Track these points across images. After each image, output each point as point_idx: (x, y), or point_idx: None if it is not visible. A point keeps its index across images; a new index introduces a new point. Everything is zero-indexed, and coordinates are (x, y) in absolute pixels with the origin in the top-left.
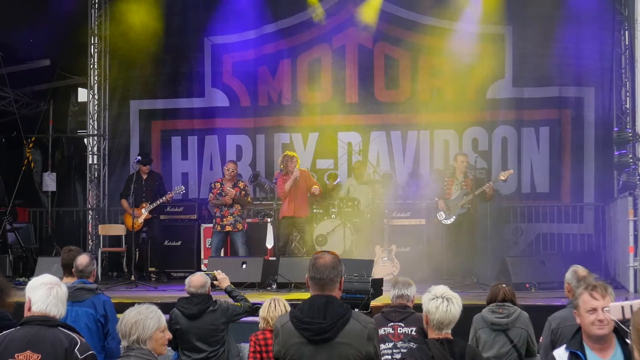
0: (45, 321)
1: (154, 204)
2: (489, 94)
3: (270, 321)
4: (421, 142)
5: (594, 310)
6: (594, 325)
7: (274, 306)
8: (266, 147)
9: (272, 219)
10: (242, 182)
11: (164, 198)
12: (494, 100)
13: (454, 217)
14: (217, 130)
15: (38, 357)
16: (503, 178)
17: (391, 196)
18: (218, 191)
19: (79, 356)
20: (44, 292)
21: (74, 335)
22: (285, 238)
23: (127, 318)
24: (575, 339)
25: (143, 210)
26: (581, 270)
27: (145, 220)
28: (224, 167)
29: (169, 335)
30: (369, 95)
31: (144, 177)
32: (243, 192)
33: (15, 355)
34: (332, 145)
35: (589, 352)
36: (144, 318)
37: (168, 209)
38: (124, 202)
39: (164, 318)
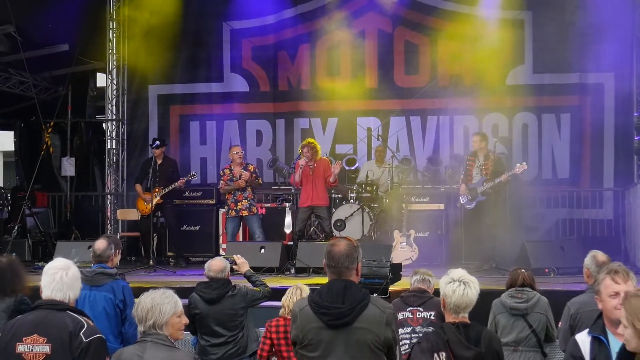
0: (54, 305)
1: (166, 189)
2: (509, 80)
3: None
4: (441, 127)
5: (616, 294)
6: (616, 309)
7: (297, 293)
8: (286, 132)
9: (290, 203)
10: (251, 165)
11: (176, 184)
12: (515, 87)
13: (474, 203)
14: (236, 115)
15: (44, 340)
16: (518, 172)
17: (410, 181)
18: (228, 177)
19: (84, 339)
20: (49, 278)
21: (81, 318)
22: (302, 224)
23: (143, 303)
24: (598, 324)
25: (155, 194)
26: (600, 255)
27: (158, 205)
28: (231, 153)
29: (185, 320)
30: (388, 81)
31: (159, 162)
32: (254, 175)
33: (23, 339)
34: (351, 131)
35: (611, 337)
36: (160, 303)
37: (186, 193)
38: (138, 187)
39: (180, 303)
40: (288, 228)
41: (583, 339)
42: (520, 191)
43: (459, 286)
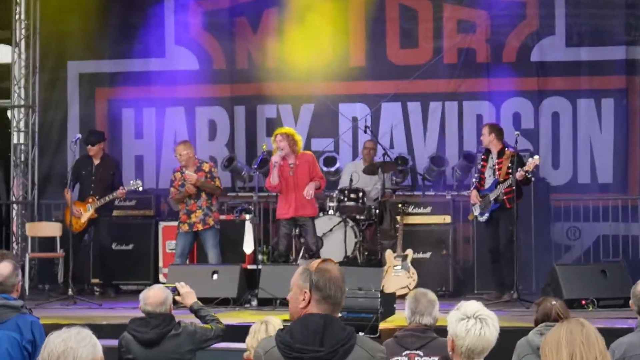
0: None
1: (103, 201)
2: (534, 56)
3: None
4: (447, 117)
5: None
6: None
7: (263, 330)
8: (247, 122)
9: (251, 215)
10: (207, 163)
11: (114, 194)
12: (542, 64)
13: (487, 214)
14: (182, 101)
15: None
16: (530, 168)
17: (408, 187)
18: (180, 182)
19: None
20: None
21: None
22: (285, 241)
23: (51, 346)
24: None
25: (88, 206)
26: None
27: (91, 220)
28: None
29: None
30: (379, 56)
31: (95, 162)
32: (209, 176)
33: None
34: (331, 121)
35: None
36: (75, 347)
37: (117, 202)
38: (67, 194)
39: (100, 347)
40: (249, 247)
41: None
42: (549, 200)
43: (475, 324)
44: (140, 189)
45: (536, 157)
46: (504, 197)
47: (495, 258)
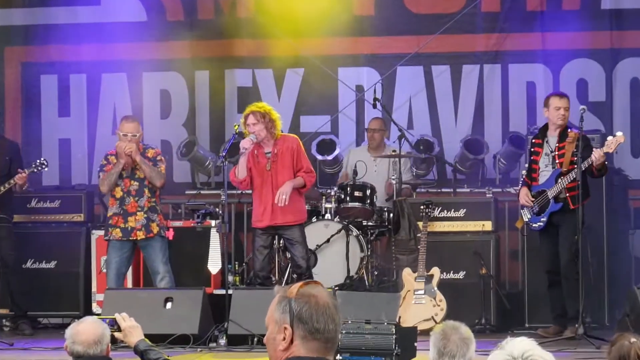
0: None
1: None
2: (606, 2)
3: None
4: (487, 84)
5: None
6: None
7: None
8: (213, 93)
9: (218, 221)
10: (152, 149)
11: (11, 181)
12: (617, 12)
13: (544, 218)
14: (124, 65)
15: None
16: (611, 149)
17: (433, 181)
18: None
19: None
20: None
21: None
22: (264, 258)
23: None
24: None
25: None
26: None
27: None
28: (120, 130)
29: None
30: (394, 3)
31: None
32: (151, 163)
33: None
34: (328, 91)
35: None
36: None
37: (33, 203)
38: None
39: None
40: (215, 265)
41: None
42: (627, 199)
43: None
44: (45, 168)
45: (619, 133)
46: (567, 195)
47: (553, 280)
